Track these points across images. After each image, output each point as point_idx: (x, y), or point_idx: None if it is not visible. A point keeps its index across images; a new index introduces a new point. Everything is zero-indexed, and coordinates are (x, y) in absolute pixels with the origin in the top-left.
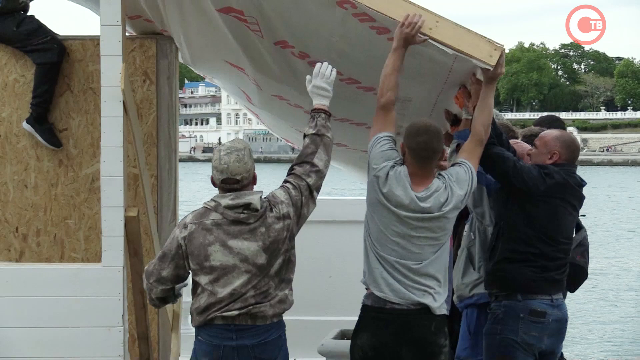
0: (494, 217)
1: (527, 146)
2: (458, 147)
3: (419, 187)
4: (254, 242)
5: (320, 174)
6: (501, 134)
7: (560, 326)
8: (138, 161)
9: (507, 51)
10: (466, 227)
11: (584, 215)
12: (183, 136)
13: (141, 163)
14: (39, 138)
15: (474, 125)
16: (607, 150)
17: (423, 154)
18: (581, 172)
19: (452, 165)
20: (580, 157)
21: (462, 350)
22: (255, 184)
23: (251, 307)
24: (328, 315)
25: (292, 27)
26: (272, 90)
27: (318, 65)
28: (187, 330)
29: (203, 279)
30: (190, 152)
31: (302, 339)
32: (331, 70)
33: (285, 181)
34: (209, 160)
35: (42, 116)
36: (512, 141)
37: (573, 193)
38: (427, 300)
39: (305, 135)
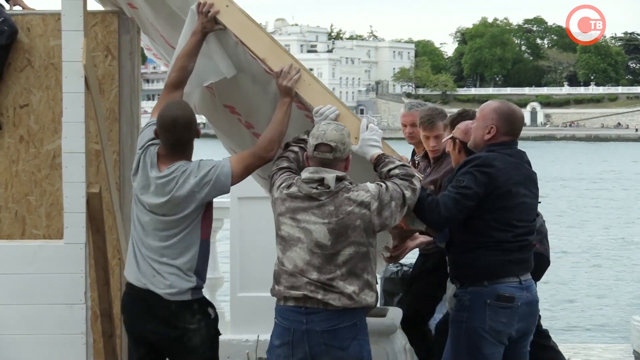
0: None
1: (470, 122)
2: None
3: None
4: (320, 218)
5: (414, 197)
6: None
7: (531, 309)
8: (100, 137)
9: (470, 26)
10: None
11: (539, 202)
12: (145, 112)
13: (103, 139)
14: None
15: None
16: (570, 125)
17: (170, 144)
18: (544, 147)
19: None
20: (543, 133)
21: None
22: (347, 168)
23: (318, 294)
24: None
25: (240, 96)
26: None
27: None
28: None
29: (278, 249)
30: None
31: (265, 315)
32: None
33: (383, 181)
34: None
35: None
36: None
37: (521, 172)
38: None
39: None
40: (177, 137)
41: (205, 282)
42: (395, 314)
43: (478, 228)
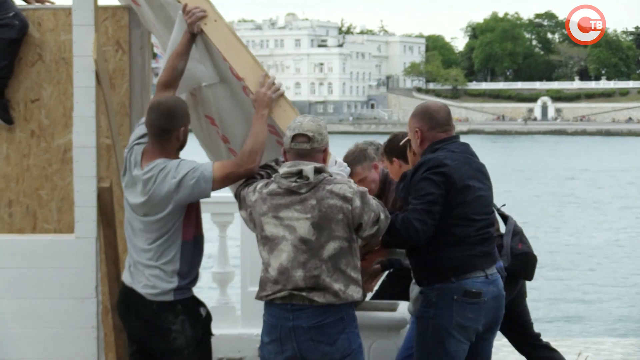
0: None
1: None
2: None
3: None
4: (303, 213)
5: (385, 224)
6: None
7: (498, 303)
8: (111, 132)
9: (481, 21)
10: None
11: (503, 205)
12: None
13: (114, 133)
14: None
15: None
16: (581, 120)
17: (150, 131)
18: (555, 141)
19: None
20: (554, 127)
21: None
22: (325, 160)
23: (303, 291)
24: None
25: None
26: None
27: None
28: None
29: (263, 252)
30: None
31: None
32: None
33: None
34: None
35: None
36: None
37: (471, 166)
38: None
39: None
40: (155, 120)
41: (193, 281)
42: (405, 308)
43: (440, 227)
